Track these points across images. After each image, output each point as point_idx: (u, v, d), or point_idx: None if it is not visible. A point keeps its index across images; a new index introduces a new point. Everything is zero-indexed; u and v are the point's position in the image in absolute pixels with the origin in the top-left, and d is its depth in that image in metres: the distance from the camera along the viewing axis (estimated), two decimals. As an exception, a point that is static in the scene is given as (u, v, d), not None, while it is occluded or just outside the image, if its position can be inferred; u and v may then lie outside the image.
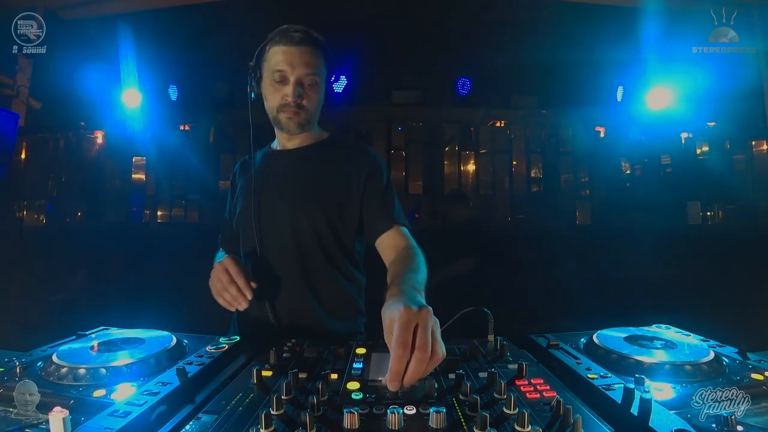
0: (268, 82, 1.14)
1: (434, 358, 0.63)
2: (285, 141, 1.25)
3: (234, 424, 0.56)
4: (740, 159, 4.06)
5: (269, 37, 1.15)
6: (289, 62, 1.10)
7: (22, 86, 3.06)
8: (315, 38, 1.14)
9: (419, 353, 0.62)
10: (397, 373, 0.62)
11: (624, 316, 1.19)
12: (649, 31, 2.84)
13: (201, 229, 3.88)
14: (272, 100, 1.15)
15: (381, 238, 1.14)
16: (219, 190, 3.89)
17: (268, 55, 1.14)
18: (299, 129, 1.18)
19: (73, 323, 0.98)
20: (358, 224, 1.19)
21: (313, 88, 1.15)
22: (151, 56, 3.31)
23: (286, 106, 1.13)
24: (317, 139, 1.27)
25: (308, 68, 1.12)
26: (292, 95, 1.11)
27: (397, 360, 0.62)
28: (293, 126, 1.16)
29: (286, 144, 1.25)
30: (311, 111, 1.17)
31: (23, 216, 4.05)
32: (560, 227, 4.12)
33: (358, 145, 1.28)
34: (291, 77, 1.11)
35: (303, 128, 1.19)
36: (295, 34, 1.11)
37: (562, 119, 4.27)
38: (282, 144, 1.26)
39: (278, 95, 1.14)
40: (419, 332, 0.63)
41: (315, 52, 1.13)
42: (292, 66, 1.10)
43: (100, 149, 4.22)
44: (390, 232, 1.14)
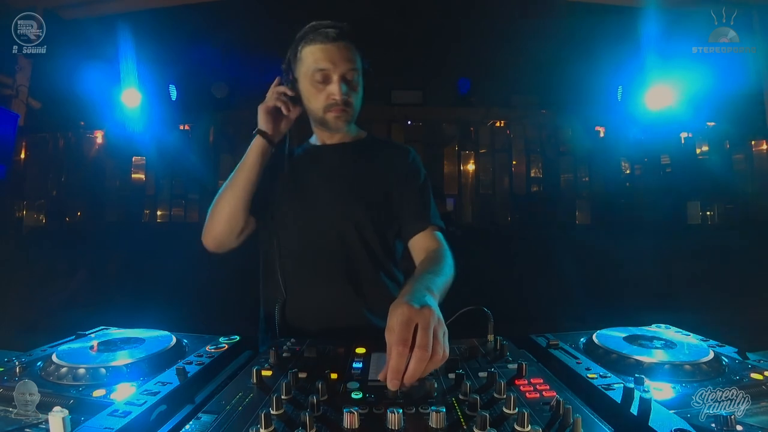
0: (308, 83, 1.09)
1: (435, 358, 0.63)
2: (325, 137, 1.22)
3: (234, 423, 0.56)
4: (740, 159, 4.07)
5: (299, 36, 1.10)
6: (330, 60, 1.06)
7: (21, 86, 3.06)
8: (349, 32, 1.09)
9: (419, 352, 0.61)
10: (397, 371, 0.61)
11: (624, 315, 1.19)
12: (649, 31, 2.84)
13: (201, 229, 3.88)
14: (316, 101, 1.11)
15: (414, 239, 1.12)
16: (219, 190, 3.89)
17: (303, 55, 1.09)
18: (347, 126, 1.15)
19: (73, 323, 0.98)
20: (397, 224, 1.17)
21: (356, 83, 1.11)
22: (151, 56, 3.31)
23: (334, 106, 1.09)
24: (357, 135, 1.25)
25: (350, 63, 1.08)
26: (339, 93, 1.07)
27: (397, 358, 0.61)
28: (342, 124, 1.13)
29: (326, 140, 1.22)
30: (357, 107, 1.14)
31: (23, 216, 4.05)
32: (560, 227, 4.13)
33: (398, 145, 1.26)
34: (334, 75, 1.07)
35: (349, 125, 1.16)
36: (329, 30, 1.07)
37: (562, 119, 4.27)
38: (321, 139, 1.23)
39: (322, 95, 1.09)
40: (420, 331, 0.63)
41: (351, 46, 1.09)
42: (334, 63, 1.06)
43: (99, 149, 4.22)
44: (424, 233, 1.12)
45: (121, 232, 4.01)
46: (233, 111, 3.90)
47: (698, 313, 1.50)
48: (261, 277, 1.21)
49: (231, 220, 1.13)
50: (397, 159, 1.20)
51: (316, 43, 1.07)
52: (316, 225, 1.14)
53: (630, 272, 3.34)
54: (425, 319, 0.64)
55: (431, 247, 1.09)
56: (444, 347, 0.65)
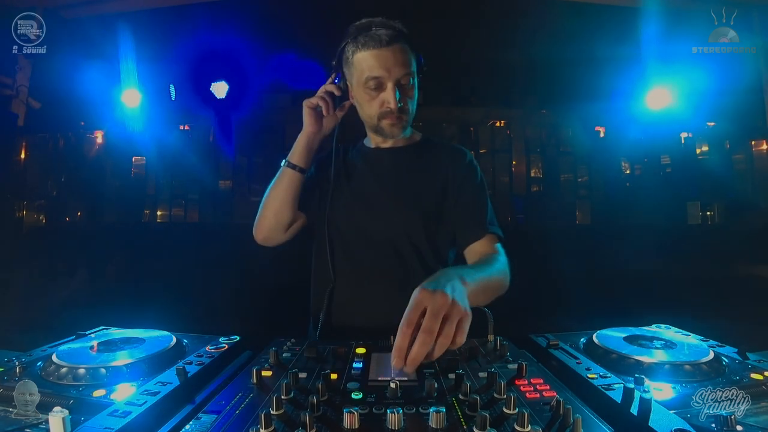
0: (361, 89, 1.06)
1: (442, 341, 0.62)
2: (380, 141, 1.20)
3: (234, 424, 0.56)
4: (740, 159, 4.06)
5: (349, 37, 1.05)
6: (383, 67, 1.01)
7: (21, 86, 3.06)
8: (401, 32, 1.04)
9: (422, 335, 0.61)
10: (399, 349, 0.62)
11: (624, 316, 1.19)
12: (649, 31, 2.84)
13: (201, 229, 3.89)
14: (369, 108, 1.08)
15: (470, 248, 1.10)
16: (219, 190, 3.90)
17: (354, 60, 1.05)
18: (402, 133, 1.13)
19: (73, 323, 0.98)
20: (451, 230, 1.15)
21: (412, 88, 1.08)
22: (151, 55, 3.31)
23: (389, 114, 1.06)
24: (411, 138, 1.23)
25: (404, 68, 1.03)
26: (394, 102, 1.03)
27: (401, 336, 0.62)
28: (398, 131, 1.11)
29: (381, 144, 1.20)
30: (413, 112, 1.11)
31: (23, 216, 4.05)
32: (560, 227, 4.13)
33: (455, 147, 1.23)
34: (388, 82, 1.02)
35: (405, 131, 1.14)
36: (381, 33, 1.01)
37: (562, 119, 4.27)
38: (375, 142, 1.21)
39: (376, 103, 1.06)
40: (427, 314, 0.63)
41: (405, 48, 1.04)
42: (388, 70, 1.01)
43: (99, 149, 4.22)
44: (480, 242, 1.09)
45: (121, 232, 4.01)
46: (233, 111, 3.90)
47: (698, 313, 1.50)
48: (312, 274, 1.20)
49: (278, 214, 1.12)
50: (454, 162, 1.18)
51: (369, 48, 1.02)
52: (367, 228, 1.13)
53: (630, 272, 3.34)
54: (435, 303, 0.63)
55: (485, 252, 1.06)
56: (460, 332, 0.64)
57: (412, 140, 1.23)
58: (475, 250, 1.09)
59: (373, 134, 1.19)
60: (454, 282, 0.71)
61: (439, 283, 0.69)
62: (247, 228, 1.18)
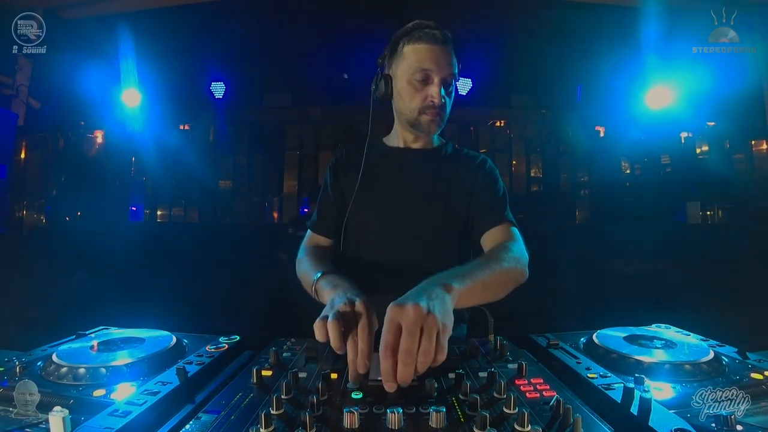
0: (406, 81, 1.08)
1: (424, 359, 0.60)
2: (410, 140, 1.21)
3: (234, 423, 0.56)
4: (740, 159, 4.06)
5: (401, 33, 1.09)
6: (435, 61, 1.05)
7: (21, 86, 3.06)
8: (451, 37, 1.09)
9: (402, 356, 0.59)
10: (386, 374, 0.60)
11: (624, 315, 1.19)
12: (650, 31, 2.84)
13: (201, 229, 3.89)
14: (412, 101, 1.09)
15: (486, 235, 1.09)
16: (219, 190, 3.90)
17: (405, 52, 1.08)
18: (438, 130, 1.14)
19: (73, 323, 0.98)
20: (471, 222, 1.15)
21: (453, 89, 1.11)
22: (151, 56, 3.31)
23: (430, 108, 1.08)
24: (439, 142, 1.25)
25: (451, 68, 1.07)
26: (438, 96, 1.06)
27: (384, 362, 0.60)
28: (435, 127, 1.11)
29: (411, 143, 1.21)
30: (449, 112, 1.13)
31: (23, 216, 4.05)
32: (560, 227, 4.13)
33: (475, 154, 1.26)
34: (436, 77, 1.06)
35: (440, 129, 1.15)
36: (436, 32, 1.06)
37: (562, 119, 4.27)
38: (405, 142, 1.22)
39: (420, 96, 1.08)
40: (403, 333, 0.60)
41: (453, 52, 1.09)
42: (439, 66, 1.05)
43: (99, 149, 4.22)
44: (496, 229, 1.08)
45: (121, 232, 4.01)
46: (233, 110, 3.90)
47: (698, 313, 1.50)
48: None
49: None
50: (477, 167, 1.20)
51: (423, 42, 1.06)
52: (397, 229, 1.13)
53: (630, 272, 3.34)
54: (408, 317, 0.61)
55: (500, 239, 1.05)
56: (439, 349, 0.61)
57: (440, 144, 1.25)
58: (490, 236, 1.09)
59: (407, 130, 1.19)
60: (433, 290, 0.68)
61: (411, 296, 0.67)
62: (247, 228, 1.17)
